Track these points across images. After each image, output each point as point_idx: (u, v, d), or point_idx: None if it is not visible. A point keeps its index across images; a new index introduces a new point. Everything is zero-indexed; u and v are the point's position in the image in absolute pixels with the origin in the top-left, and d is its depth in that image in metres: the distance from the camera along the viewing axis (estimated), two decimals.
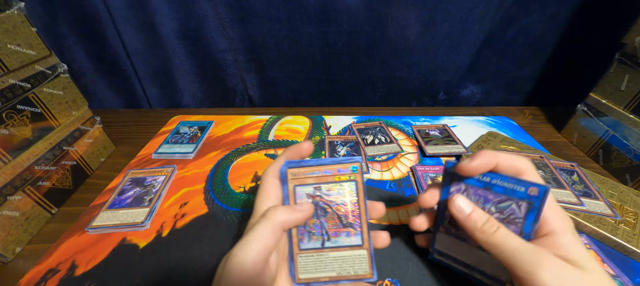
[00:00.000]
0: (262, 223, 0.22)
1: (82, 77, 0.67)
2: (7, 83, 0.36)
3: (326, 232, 0.26)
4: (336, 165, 0.26)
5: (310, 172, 0.26)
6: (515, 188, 0.23)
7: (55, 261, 0.34)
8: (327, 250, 0.26)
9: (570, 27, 0.61)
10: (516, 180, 0.23)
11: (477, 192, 0.24)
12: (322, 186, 0.26)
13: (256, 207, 0.25)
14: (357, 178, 0.26)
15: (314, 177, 0.26)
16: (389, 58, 0.67)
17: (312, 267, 0.25)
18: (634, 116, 0.45)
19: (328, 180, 0.26)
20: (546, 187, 0.22)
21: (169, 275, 0.32)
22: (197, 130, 0.58)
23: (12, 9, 0.38)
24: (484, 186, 0.24)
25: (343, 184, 0.26)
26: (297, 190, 0.26)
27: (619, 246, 0.34)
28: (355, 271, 0.25)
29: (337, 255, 0.26)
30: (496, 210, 0.24)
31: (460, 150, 0.50)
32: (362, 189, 0.26)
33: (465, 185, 0.25)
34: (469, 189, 0.25)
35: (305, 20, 0.61)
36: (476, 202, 0.25)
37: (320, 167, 0.26)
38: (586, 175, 0.43)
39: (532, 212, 0.22)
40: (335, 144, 0.53)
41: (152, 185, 0.44)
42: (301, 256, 0.26)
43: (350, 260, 0.25)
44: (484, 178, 0.24)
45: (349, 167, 0.26)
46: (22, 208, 0.38)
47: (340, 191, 0.26)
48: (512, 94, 0.73)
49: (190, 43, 0.65)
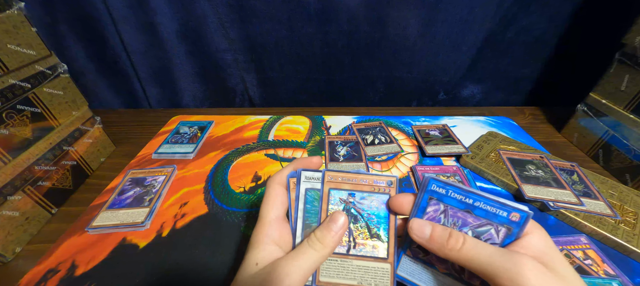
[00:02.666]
0: (312, 254, 0.23)
1: (82, 77, 0.67)
2: (7, 83, 0.36)
3: (353, 239, 0.26)
4: (373, 177, 0.26)
5: (347, 178, 0.26)
6: (497, 212, 0.22)
7: (55, 261, 0.34)
8: (352, 258, 0.25)
9: (570, 27, 0.61)
10: (500, 204, 0.21)
11: (457, 214, 0.23)
12: (356, 193, 0.26)
13: (262, 214, 0.25)
14: (391, 192, 0.26)
15: (350, 184, 0.26)
16: (389, 58, 0.67)
17: (335, 272, 0.25)
18: (634, 116, 0.45)
19: (364, 189, 0.26)
20: (528, 213, 0.21)
21: (169, 275, 0.32)
22: (197, 130, 0.58)
23: (12, 9, 0.38)
24: (466, 208, 0.22)
25: (378, 196, 0.26)
26: (332, 193, 0.26)
27: (619, 246, 0.34)
28: (376, 283, 0.25)
29: (360, 264, 0.25)
30: (473, 234, 0.22)
31: (460, 150, 0.50)
32: (303, 203, 0.26)
33: (445, 205, 0.23)
34: (448, 210, 0.23)
35: (305, 20, 0.61)
36: (453, 225, 0.23)
37: (358, 176, 0.26)
38: (586, 175, 0.43)
39: (510, 238, 0.21)
40: (335, 144, 0.53)
41: (152, 185, 0.44)
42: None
43: (373, 272, 0.25)
44: (467, 199, 0.22)
45: (385, 181, 0.26)
46: (22, 208, 0.38)
47: (373, 203, 0.26)
48: (512, 94, 0.73)
49: (190, 43, 0.65)
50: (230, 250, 0.35)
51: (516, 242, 0.21)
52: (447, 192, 0.23)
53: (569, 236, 0.36)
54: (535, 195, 0.39)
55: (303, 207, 0.26)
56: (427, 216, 0.24)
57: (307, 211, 0.26)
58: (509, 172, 0.44)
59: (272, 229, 0.24)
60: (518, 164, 0.45)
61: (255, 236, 0.25)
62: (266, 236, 0.24)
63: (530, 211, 0.21)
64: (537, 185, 0.41)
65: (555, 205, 0.38)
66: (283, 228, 0.25)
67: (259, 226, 0.25)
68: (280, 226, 0.25)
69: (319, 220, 0.25)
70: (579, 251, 0.34)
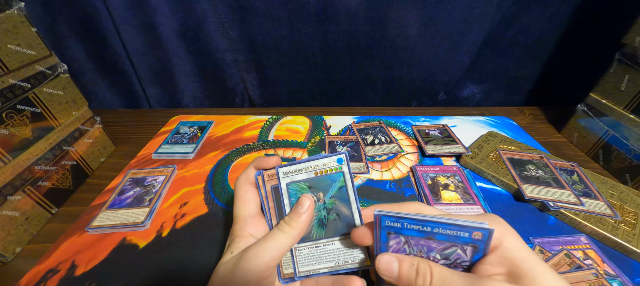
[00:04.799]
0: (279, 235, 0.24)
1: (82, 77, 0.67)
2: (7, 83, 0.36)
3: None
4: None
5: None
6: (458, 234, 0.21)
7: (55, 261, 0.34)
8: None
9: (570, 27, 0.61)
10: (458, 227, 0.21)
11: (419, 242, 0.22)
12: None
13: (235, 213, 0.27)
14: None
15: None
16: (389, 58, 0.67)
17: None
18: (634, 116, 0.45)
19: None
20: (490, 230, 0.20)
21: (169, 275, 0.32)
22: (197, 130, 0.58)
23: (12, 9, 0.38)
24: (426, 236, 0.22)
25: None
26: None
27: (619, 246, 0.34)
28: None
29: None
30: (441, 257, 0.22)
31: (460, 150, 0.50)
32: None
33: (405, 237, 0.22)
34: (410, 241, 0.22)
35: (305, 20, 0.61)
36: (419, 252, 0.22)
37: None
38: (586, 175, 0.43)
39: (478, 254, 0.21)
40: (335, 144, 0.53)
41: (152, 185, 0.44)
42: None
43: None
44: (425, 228, 0.21)
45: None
46: (22, 208, 0.38)
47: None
48: (512, 94, 0.73)
49: (190, 43, 0.65)
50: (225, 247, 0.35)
51: (486, 259, 0.20)
52: (403, 224, 0.22)
53: (569, 236, 0.36)
54: (535, 195, 0.39)
55: (288, 201, 0.27)
56: (392, 249, 0.23)
57: (293, 204, 0.26)
58: (509, 172, 0.44)
59: (247, 225, 0.26)
60: (518, 164, 0.45)
61: (232, 233, 0.26)
62: (242, 230, 0.26)
63: (490, 227, 0.20)
64: (537, 185, 0.41)
65: (555, 205, 0.38)
66: (258, 223, 0.26)
67: (234, 225, 0.27)
68: (255, 222, 0.26)
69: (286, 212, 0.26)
70: (579, 251, 0.34)
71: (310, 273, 0.26)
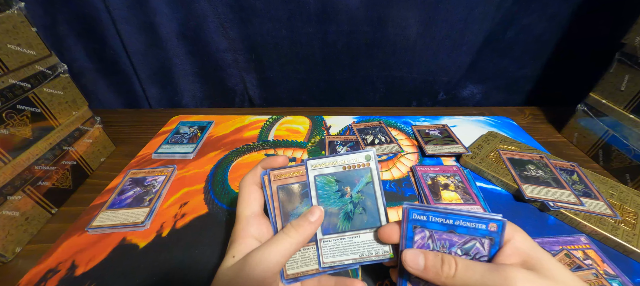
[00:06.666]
0: (284, 240, 0.24)
1: (82, 77, 0.67)
2: (7, 83, 0.36)
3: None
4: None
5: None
6: (477, 226, 0.23)
7: (55, 261, 0.34)
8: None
9: (570, 27, 0.61)
10: (476, 218, 0.23)
11: (442, 236, 0.24)
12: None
13: (238, 213, 0.27)
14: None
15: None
16: (389, 58, 0.67)
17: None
18: (634, 116, 0.45)
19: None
20: (503, 220, 0.22)
21: (169, 275, 0.32)
22: (197, 130, 0.58)
23: (12, 9, 0.38)
24: (448, 229, 0.24)
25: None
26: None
27: (619, 246, 0.34)
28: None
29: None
30: (462, 252, 0.24)
31: (460, 150, 0.50)
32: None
33: (430, 231, 0.24)
34: (434, 235, 0.24)
35: (305, 20, 0.61)
36: (442, 247, 0.24)
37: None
38: (586, 175, 0.43)
39: (494, 247, 0.23)
40: (335, 144, 0.53)
41: (152, 185, 0.44)
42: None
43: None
44: (447, 220, 0.23)
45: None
46: (22, 208, 0.38)
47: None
48: (512, 94, 0.73)
49: (190, 43, 0.65)
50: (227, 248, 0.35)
51: (502, 251, 0.22)
52: (428, 217, 0.24)
53: (569, 236, 0.36)
54: (535, 195, 0.39)
55: (315, 193, 0.27)
56: (416, 244, 0.24)
57: (320, 196, 0.27)
58: (509, 172, 0.44)
59: (249, 225, 0.25)
60: (518, 164, 0.45)
61: (234, 233, 0.26)
62: (244, 231, 0.25)
63: (503, 218, 0.22)
64: (537, 185, 0.41)
65: (555, 205, 0.38)
66: (261, 224, 0.26)
67: (236, 224, 0.26)
68: (258, 222, 0.26)
69: (311, 204, 0.27)
70: (579, 251, 0.34)
71: (334, 264, 0.26)
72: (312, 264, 0.26)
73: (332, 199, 0.27)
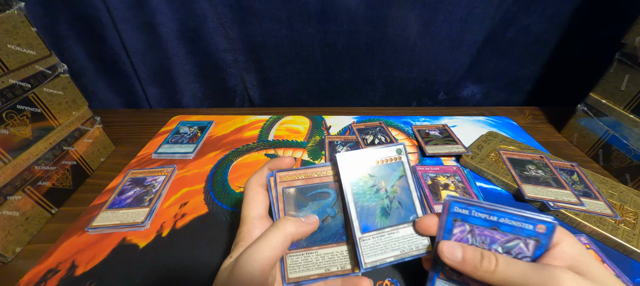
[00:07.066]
0: (274, 233, 0.23)
1: (82, 77, 0.67)
2: (7, 83, 0.36)
3: None
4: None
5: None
6: (523, 226, 0.22)
7: (55, 261, 0.34)
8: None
9: (570, 28, 0.61)
10: (524, 218, 0.22)
11: (484, 232, 0.23)
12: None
13: (243, 214, 0.26)
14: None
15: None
16: (389, 58, 0.67)
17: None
18: (634, 116, 0.45)
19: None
20: (554, 224, 0.21)
21: (169, 275, 0.32)
22: (197, 130, 0.58)
23: (12, 9, 0.38)
24: (491, 225, 0.23)
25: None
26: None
27: (619, 246, 0.34)
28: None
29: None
30: (503, 250, 0.22)
31: (460, 150, 0.50)
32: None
33: (471, 226, 0.23)
34: (475, 230, 0.23)
35: (305, 20, 0.61)
36: (482, 243, 0.23)
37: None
38: (586, 175, 0.43)
39: (540, 249, 0.22)
40: (335, 144, 0.53)
41: (152, 185, 0.44)
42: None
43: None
44: (491, 217, 0.22)
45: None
46: (22, 208, 0.38)
47: None
48: (512, 94, 0.73)
49: (190, 43, 0.65)
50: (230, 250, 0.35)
51: (547, 253, 0.21)
52: (470, 211, 0.23)
53: None
54: (535, 195, 0.39)
55: (350, 190, 0.27)
56: (454, 237, 0.24)
57: (355, 192, 0.27)
58: (509, 172, 0.44)
59: (253, 227, 0.25)
60: (518, 164, 0.45)
61: (238, 235, 0.25)
62: (248, 233, 0.25)
63: (555, 221, 0.21)
64: (537, 185, 0.41)
65: (555, 205, 0.38)
66: (265, 226, 0.26)
67: (241, 226, 0.26)
68: (263, 225, 0.25)
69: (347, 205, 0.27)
70: None
71: (376, 263, 0.26)
72: (314, 269, 0.26)
73: (368, 195, 0.27)
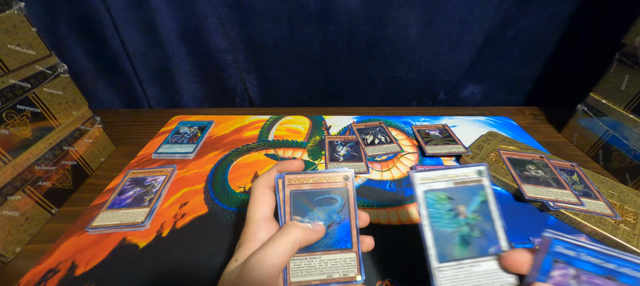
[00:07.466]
0: (282, 239, 0.23)
1: (82, 77, 0.67)
2: (7, 83, 0.36)
3: None
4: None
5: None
6: None
7: (55, 261, 0.34)
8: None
9: (570, 27, 0.61)
10: None
11: (593, 280, 0.18)
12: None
13: (249, 215, 0.26)
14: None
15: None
16: (389, 58, 0.67)
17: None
18: (634, 116, 0.45)
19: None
20: None
21: (169, 275, 0.32)
22: (197, 130, 0.58)
23: (12, 9, 0.38)
24: (607, 274, 0.18)
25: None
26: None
27: (619, 246, 0.34)
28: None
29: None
30: None
31: (460, 150, 0.50)
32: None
33: (577, 270, 0.19)
34: (582, 276, 0.18)
35: (305, 20, 0.61)
36: None
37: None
38: (586, 175, 0.43)
39: None
40: (335, 144, 0.53)
41: (152, 185, 0.44)
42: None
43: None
44: (607, 264, 0.18)
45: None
46: (22, 208, 0.38)
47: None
48: (512, 94, 0.73)
49: (190, 43, 0.65)
50: (231, 250, 0.35)
51: None
52: (578, 253, 0.19)
53: None
54: (535, 195, 0.39)
55: (426, 212, 0.24)
56: (553, 280, 0.19)
57: (432, 215, 0.24)
58: (509, 172, 0.44)
59: (259, 229, 0.25)
60: (518, 164, 0.45)
61: (243, 236, 0.25)
62: (253, 235, 0.25)
63: None
64: (537, 185, 0.41)
65: (555, 205, 0.38)
66: (271, 228, 0.25)
67: (246, 227, 0.26)
68: (268, 227, 0.25)
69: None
70: None
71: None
72: (316, 274, 0.25)
73: (445, 219, 0.24)
